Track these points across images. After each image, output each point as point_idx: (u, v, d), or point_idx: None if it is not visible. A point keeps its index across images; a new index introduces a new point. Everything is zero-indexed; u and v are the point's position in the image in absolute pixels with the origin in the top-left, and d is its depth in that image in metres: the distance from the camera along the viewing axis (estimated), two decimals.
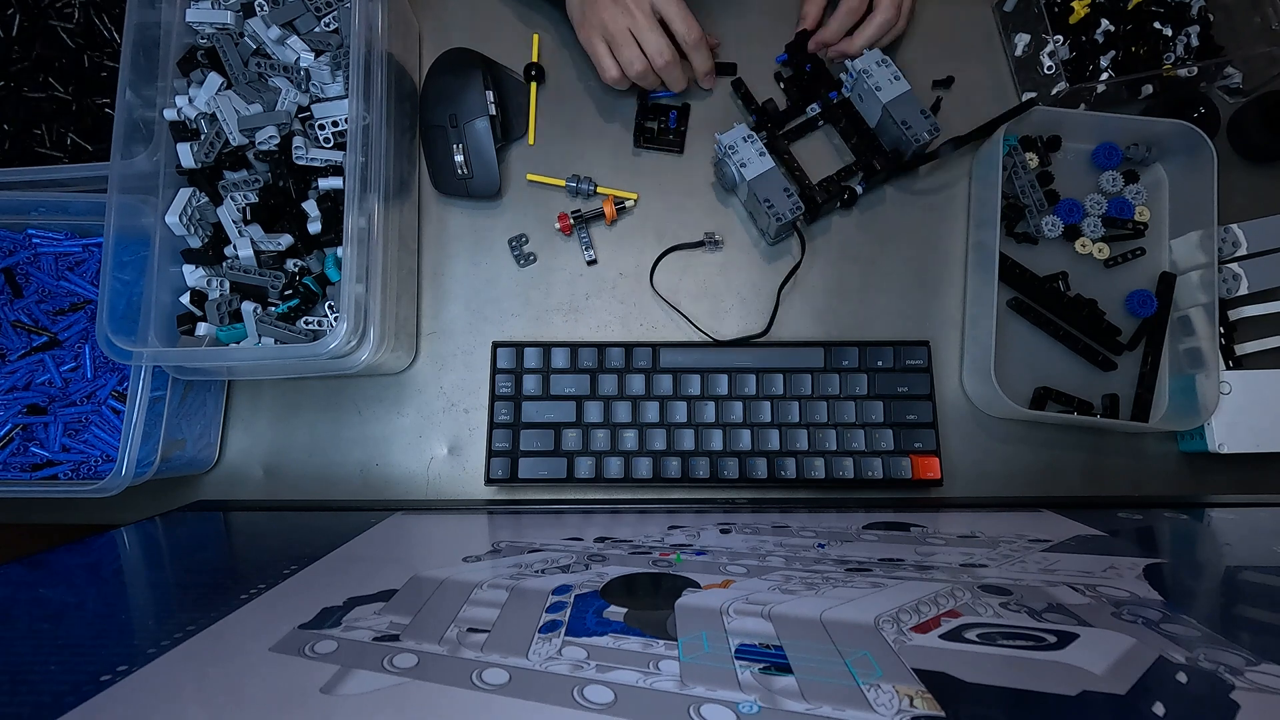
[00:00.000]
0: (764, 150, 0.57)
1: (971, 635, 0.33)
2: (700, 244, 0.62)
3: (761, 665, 0.30)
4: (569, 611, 0.35)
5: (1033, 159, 0.61)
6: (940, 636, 0.33)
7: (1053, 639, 0.32)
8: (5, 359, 0.56)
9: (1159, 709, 0.26)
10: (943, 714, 0.26)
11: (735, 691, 0.28)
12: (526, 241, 0.62)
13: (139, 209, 0.53)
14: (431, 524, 0.52)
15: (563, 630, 0.33)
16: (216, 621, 0.34)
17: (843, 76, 0.61)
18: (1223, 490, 0.59)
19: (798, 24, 0.63)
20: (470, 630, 0.33)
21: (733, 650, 0.31)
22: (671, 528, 0.50)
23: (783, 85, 0.64)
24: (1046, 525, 0.49)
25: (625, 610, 0.35)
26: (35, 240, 0.57)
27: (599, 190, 0.62)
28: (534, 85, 0.63)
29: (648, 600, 0.37)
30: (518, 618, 0.34)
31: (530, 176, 0.63)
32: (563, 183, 0.62)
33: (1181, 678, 0.28)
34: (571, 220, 0.61)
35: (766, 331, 0.60)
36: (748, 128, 0.58)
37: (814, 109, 0.63)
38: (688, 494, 0.59)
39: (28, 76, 0.58)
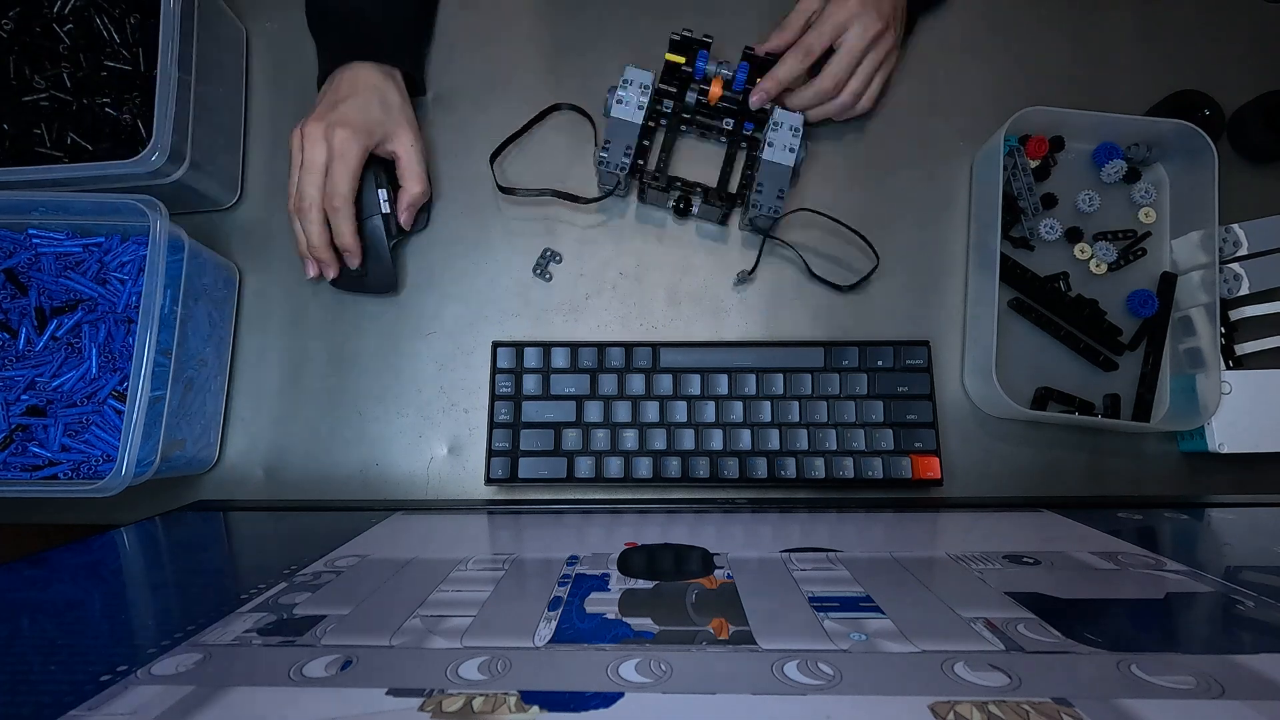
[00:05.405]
0: (643, 105, 0.57)
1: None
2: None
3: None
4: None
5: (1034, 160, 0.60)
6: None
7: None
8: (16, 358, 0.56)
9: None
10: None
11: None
12: (560, 260, 0.62)
13: None
14: (431, 524, 0.52)
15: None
16: (216, 621, 0.34)
17: (768, 109, 0.59)
18: (1223, 490, 0.59)
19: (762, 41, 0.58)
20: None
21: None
22: None
23: (728, 78, 0.59)
24: (1046, 526, 0.49)
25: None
26: (35, 240, 0.57)
27: None
28: None
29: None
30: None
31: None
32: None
33: None
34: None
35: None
36: (655, 80, 0.57)
37: (728, 123, 0.60)
38: (688, 494, 0.59)
39: (28, 77, 0.58)
